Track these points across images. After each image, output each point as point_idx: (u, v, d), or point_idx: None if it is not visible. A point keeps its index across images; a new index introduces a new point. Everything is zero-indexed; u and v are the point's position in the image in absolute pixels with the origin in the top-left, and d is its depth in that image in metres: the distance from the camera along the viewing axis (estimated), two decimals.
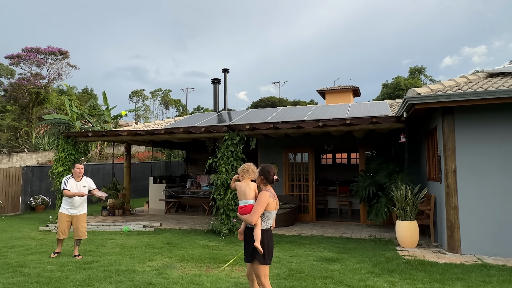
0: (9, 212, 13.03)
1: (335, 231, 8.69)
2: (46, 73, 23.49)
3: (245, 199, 3.59)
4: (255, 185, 3.66)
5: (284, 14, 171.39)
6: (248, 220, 3.46)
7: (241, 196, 3.63)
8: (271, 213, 3.54)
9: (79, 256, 6.36)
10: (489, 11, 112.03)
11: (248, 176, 3.67)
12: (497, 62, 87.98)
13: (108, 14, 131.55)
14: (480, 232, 6.33)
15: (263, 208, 3.45)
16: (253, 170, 3.69)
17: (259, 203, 3.45)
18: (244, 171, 3.70)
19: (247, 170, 3.70)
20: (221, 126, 8.96)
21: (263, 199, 3.45)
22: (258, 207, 3.44)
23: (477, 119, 6.52)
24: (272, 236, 3.60)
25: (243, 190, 3.62)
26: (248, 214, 3.48)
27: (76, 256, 6.37)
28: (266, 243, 3.45)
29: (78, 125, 19.99)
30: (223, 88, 16.91)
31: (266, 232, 3.50)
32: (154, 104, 55.34)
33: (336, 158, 15.27)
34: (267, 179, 3.57)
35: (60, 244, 6.54)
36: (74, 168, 6.55)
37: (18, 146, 21.17)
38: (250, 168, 3.71)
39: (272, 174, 3.59)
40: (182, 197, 12.62)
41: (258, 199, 3.48)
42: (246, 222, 3.57)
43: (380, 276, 5.11)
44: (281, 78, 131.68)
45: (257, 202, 3.47)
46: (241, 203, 3.61)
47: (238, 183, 3.73)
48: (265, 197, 3.46)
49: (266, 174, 3.58)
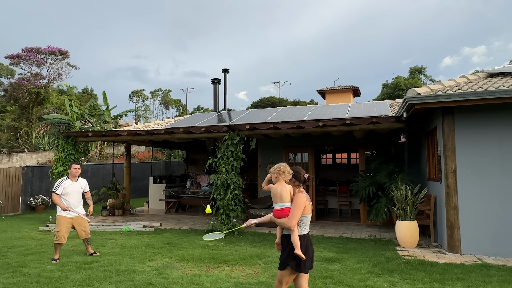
0: (9, 212, 13.03)
1: (335, 231, 8.69)
2: (46, 73, 23.52)
3: (281, 202, 3.33)
4: (291, 187, 3.40)
5: (284, 14, 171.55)
6: (286, 224, 3.22)
7: (276, 199, 3.37)
8: (307, 217, 3.33)
9: (96, 253, 6.47)
10: (489, 11, 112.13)
11: (284, 178, 3.40)
12: (497, 62, 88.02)
13: (108, 14, 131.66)
14: (480, 232, 6.33)
15: (301, 211, 3.24)
16: (289, 172, 3.41)
17: (296, 206, 3.24)
18: (280, 173, 3.40)
19: (283, 172, 3.40)
20: (221, 126, 8.96)
21: (300, 201, 3.25)
22: (296, 211, 3.23)
23: (477, 119, 6.52)
24: (310, 242, 3.36)
25: (279, 192, 3.35)
26: (285, 218, 3.26)
27: (93, 253, 6.44)
28: (304, 250, 3.23)
29: (78, 125, 20.00)
30: (223, 88, 16.92)
31: (303, 238, 3.27)
32: (154, 104, 55.33)
33: (336, 158, 15.27)
34: (298, 179, 3.38)
35: (58, 250, 6.21)
36: (70, 168, 6.42)
37: (18, 146, 21.18)
38: (286, 170, 3.41)
39: (302, 173, 3.40)
40: (182, 197, 12.62)
41: (295, 202, 3.26)
42: (284, 227, 3.31)
43: (380, 276, 5.10)
44: (281, 78, 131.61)
45: (294, 205, 3.26)
46: (276, 206, 3.36)
47: (272, 185, 3.45)
48: (302, 200, 3.26)
49: (296, 174, 3.39)
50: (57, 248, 6.20)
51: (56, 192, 6.20)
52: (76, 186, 6.38)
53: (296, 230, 3.24)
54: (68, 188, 6.27)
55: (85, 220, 6.46)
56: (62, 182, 6.27)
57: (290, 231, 3.25)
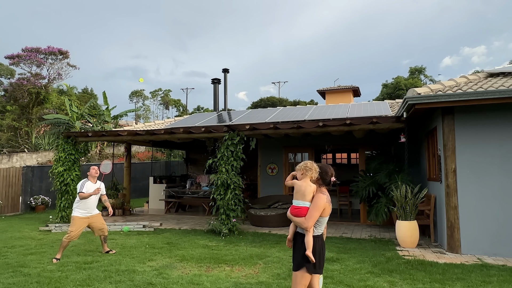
0: (9, 212, 13.03)
1: (335, 231, 8.69)
2: (46, 73, 23.53)
3: (302, 200, 3.21)
4: (315, 187, 3.26)
5: (284, 14, 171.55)
6: (303, 224, 3.12)
7: (298, 196, 3.24)
8: (324, 219, 3.22)
9: (113, 251, 6.65)
10: (488, 11, 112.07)
11: (310, 175, 3.25)
12: (497, 62, 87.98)
13: (108, 14, 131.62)
14: (480, 232, 6.32)
15: (320, 213, 3.13)
16: (316, 169, 3.26)
17: (315, 207, 3.13)
18: (307, 169, 3.26)
19: (310, 168, 3.25)
20: (221, 126, 8.96)
21: (320, 203, 3.14)
22: (315, 212, 3.12)
23: (477, 119, 6.52)
24: (324, 243, 3.29)
25: (302, 190, 3.22)
26: (302, 217, 3.15)
27: (109, 251, 6.61)
28: (317, 250, 3.15)
29: (78, 125, 20.01)
30: (223, 88, 16.93)
31: (318, 239, 3.19)
32: (154, 104, 55.34)
33: (336, 158, 15.28)
34: (323, 180, 3.24)
35: (62, 250, 6.24)
36: (90, 170, 6.59)
37: (18, 146, 21.18)
38: (313, 167, 3.26)
39: (330, 175, 3.25)
40: (182, 197, 12.62)
41: (315, 203, 3.15)
42: (299, 226, 3.22)
43: (380, 276, 5.10)
44: (281, 78, 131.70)
45: (314, 205, 3.14)
46: (296, 203, 3.25)
47: (297, 182, 3.30)
48: (322, 201, 3.14)
49: (324, 174, 3.25)
50: (62, 247, 6.22)
51: (82, 191, 6.35)
52: (96, 188, 6.52)
53: (311, 231, 3.15)
54: (90, 189, 6.42)
55: (101, 217, 6.65)
56: (85, 183, 6.45)
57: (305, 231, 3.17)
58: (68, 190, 10.15)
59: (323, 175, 3.25)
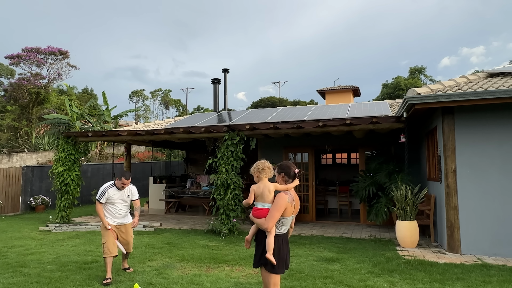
0: (9, 212, 13.03)
1: (335, 231, 8.69)
2: (46, 73, 23.53)
3: (262, 202, 3.18)
4: (274, 185, 3.22)
5: (284, 14, 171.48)
6: (263, 226, 3.09)
7: (258, 199, 3.22)
8: (287, 219, 3.16)
9: (131, 269, 5.54)
10: (487, 12, 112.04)
11: (265, 175, 3.24)
12: (496, 63, 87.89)
13: (107, 14, 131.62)
14: (480, 232, 6.33)
15: (280, 213, 3.07)
16: (269, 167, 3.26)
17: (275, 207, 3.07)
18: (260, 171, 3.25)
19: (263, 169, 3.25)
20: (221, 126, 8.96)
21: (281, 203, 3.07)
22: (275, 212, 3.06)
23: (477, 119, 6.52)
24: (287, 242, 3.23)
25: (261, 191, 3.19)
26: (263, 218, 3.12)
27: (127, 269, 5.53)
28: (277, 250, 3.09)
29: (78, 125, 20.01)
30: (223, 88, 16.92)
31: (278, 238, 3.13)
32: (154, 104, 55.41)
33: (336, 158, 15.28)
34: (288, 175, 3.21)
35: (109, 266, 5.08)
36: (120, 180, 5.28)
37: (18, 146, 21.18)
38: (265, 166, 3.26)
39: (293, 169, 3.22)
40: (182, 197, 12.62)
41: (275, 203, 3.09)
42: (260, 228, 3.18)
43: (380, 276, 5.11)
44: (281, 78, 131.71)
45: (274, 206, 3.09)
46: (257, 205, 3.22)
47: (254, 186, 3.27)
48: (283, 201, 3.07)
49: (286, 169, 3.23)
50: (107, 264, 5.09)
51: (100, 201, 5.25)
52: (123, 195, 5.40)
53: (272, 233, 3.10)
54: (113, 196, 5.29)
55: (131, 231, 5.58)
56: (107, 190, 5.26)
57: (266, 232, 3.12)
58: (68, 190, 10.16)
59: (286, 170, 3.23)
